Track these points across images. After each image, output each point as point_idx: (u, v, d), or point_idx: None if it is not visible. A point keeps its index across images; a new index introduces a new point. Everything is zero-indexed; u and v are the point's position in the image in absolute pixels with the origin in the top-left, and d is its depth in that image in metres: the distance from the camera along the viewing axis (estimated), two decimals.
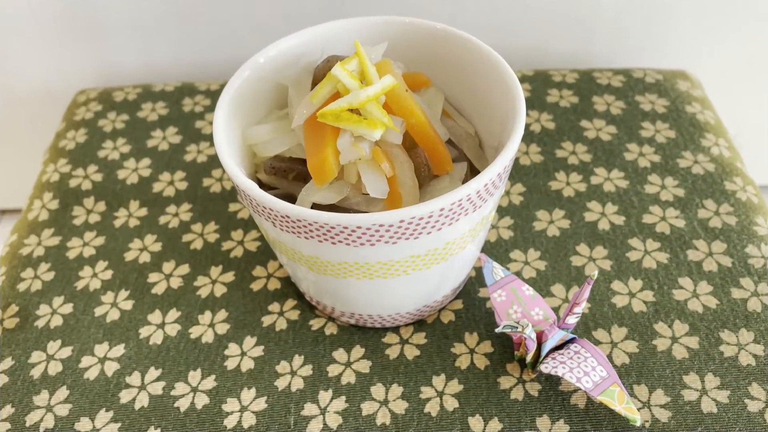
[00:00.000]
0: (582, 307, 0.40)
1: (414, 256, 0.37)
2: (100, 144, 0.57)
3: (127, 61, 0.66)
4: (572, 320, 0.41)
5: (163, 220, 0.51)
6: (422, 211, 0.34)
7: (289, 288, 0.47)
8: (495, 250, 0.48)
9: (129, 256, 0.49)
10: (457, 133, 0.42)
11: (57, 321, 0.46)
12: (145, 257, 0.49)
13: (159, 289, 0.47)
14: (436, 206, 0.34)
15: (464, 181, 0.40)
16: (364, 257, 0.36)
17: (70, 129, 0.59)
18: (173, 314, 0.46)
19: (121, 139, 0.57)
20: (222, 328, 0.45)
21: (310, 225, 0.35)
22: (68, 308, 0.46)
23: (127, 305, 0.46)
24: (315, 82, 0.41)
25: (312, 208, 0.38)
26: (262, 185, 0.42)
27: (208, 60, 0.65)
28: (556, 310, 0.44)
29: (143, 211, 0.52)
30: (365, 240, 0.35)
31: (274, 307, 0.46)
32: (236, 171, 0.37)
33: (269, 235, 0.39)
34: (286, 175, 0.41)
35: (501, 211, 0.50)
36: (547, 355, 0.40)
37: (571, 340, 0.41)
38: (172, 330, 0.45)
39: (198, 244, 0.50)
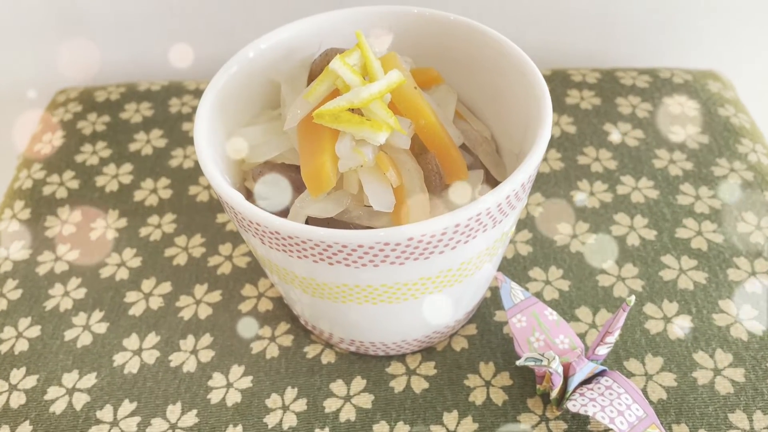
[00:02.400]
0: (615, 336, 0.35)
1: (424, 278, 0.32)
2: (78, 148, 0.52)
3: (113, 58, 0.61)
4: (603, 351, 0.36)
5: (144, 231, 0.46)
6: (434, 227, 0.29)
7: (282, 310, 0.42)
8: (512, 267, 0.43)
9: (105, 272, 0.44)
10: (472, 136, 0.37)
11: (22, 345, 0.41)
12: (122, 273, 0.44)
13: (137, 310, 0.42)
14: (450, 222, 0.29)
15: (480, 192, 0.35)
16: (367, 280, 0.32)
17: (47, 131, 0.54)
18: (152, 339, 0.41)
19: (101, 143, 0.52)
20: (206, 355, 0.40)
21: (303, 243, 0.30)
22: (35, 331, 0.42)
23: (101, 328, 0.41)
24: (311, 79, 0.36)
25: (307, 222, 0.33)
26: (251, 195, 0.37)
27: (198, 56, 0.60)
28: (582, 336, 0.39)
29: (122, 222, 0.47)
30: (368, 260, 0.30)
31: (265, 331, 0.41)
32: (219, 179, 0.32)
33: (258, 252, 0.34)
34: (278, 184, 0.36)
35: (518, 224, 0.45)
36: (574, 390, 0.35)
37: (601, 373, 0.36)
38: (150, 357, 0.40)
39: (181, 259, 0.45)
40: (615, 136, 0.49)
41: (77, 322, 0.42)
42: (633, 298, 0.33)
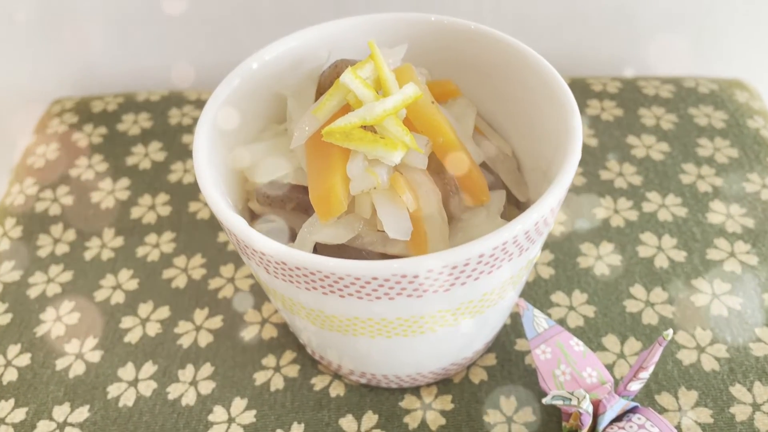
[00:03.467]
0: (649, 371, 0.32)
1: (443, 310, 0.30)
2: (72, 161, 0.50)
3: (110, 66, 0.59)
4: (636, 386, 0.33)
5: (141, 251, 0.44)
6: (456, 258, 0.26)
7: (287, 337, 0.39)
8: (533, 291, 0.40)
9: (99, 295, 0.42)
10: (492, 153, 0.35)
11: (11, 375, 0.38)
12: (118, 297, 0.41)
13: (133, 337, 0.40)
14: (474, 252, 0.27)
15: (503, 214, 0.33)
16: (381, 313, 0.29)
17: (41, 144, 0.52)
18: (148, 369, 0.38)
19: (97, 156, 0.50)
20: (206, 387, 0.37)
21: (312, 274, 0.27)
22: (25, 359, 0.39)
23: (95, 356, 0.39)
24: (320, 92, 0.34)
25: (315, 248, 0.31)
26: (255, 217, 0.34)
27: (199, 64, 0.58)
28: (610, 368, 0.37)
29: (119, 241, 0.44)
30: (382, 293, 0.28)
31: (269, 360, 0.38)
32: (220, 202, 0.29)
33: (261, 279, 0.32)
34: (284, 206, 0.33)
35: None
36: (604, 429, 0.32)
37: (633, 409, 0.33)
38: (147, 389, 0.37)
39: (180, 282, 0.42)
40: (613, 165, 0.46)
41: (69, 350, 0.39)
42: (670, 332, 0.30)
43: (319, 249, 0.31)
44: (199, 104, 0.53)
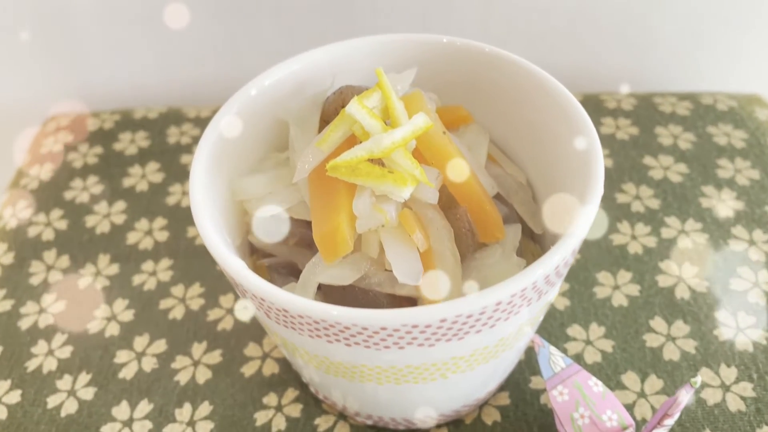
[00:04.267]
0: (675, 419, 0.30)
1: (456, 357, 0.28)
2: (67, 183, 0.48)
3: (108, 82, 0.57)
4: None
5: (137, 279, 0.42)
6: (472, 307, 0.25)
7: (289, 373, 0.37)
8: (548, 324, 0.38)
9: (94, 327, 0.40)
10: (507, 184, 0.33)
11: (0, 413, 0.36)
12: (113, 329, 0.40)
13: (128, 373, 0.38)
14: (490, 300, 0.25)
15: (518, 250, 0.31)
16: (390, 361, 0.27)
17: (35, 164, 0.50)
18: (144, 407, 0.36)
19: (93, 177, 0.48)
20: (204, 428, 0.35)
21: (316, 323, 0.25)
22: (15, 396, 0.37)
23: (88, 394, 0.37)
24: (324, 120, 0.32)
25: (319, 289, 0.29)
26: (255, 251, 0.33)
27: (199, 81, 0.56)
28: (630, 408, 0.35)
29: (114, 268, 0.43)
30: (391, 343, 0.26)
31: (271, 399, 0.36)
32: (216, 242, 0.27)
33: (260, 320, 0.30)
34: (287, 241, 0.31)
35: None
36: None
37: None
38: (142, 429, 0.35)
39: (178, 313, 0.40)
40: (630, 187, 0.44)
41: (62, 387, 0.37)
42: (699, 379, 0.28)
43: (323, 288, 0.29)
44: (199, 122, 0.51)
